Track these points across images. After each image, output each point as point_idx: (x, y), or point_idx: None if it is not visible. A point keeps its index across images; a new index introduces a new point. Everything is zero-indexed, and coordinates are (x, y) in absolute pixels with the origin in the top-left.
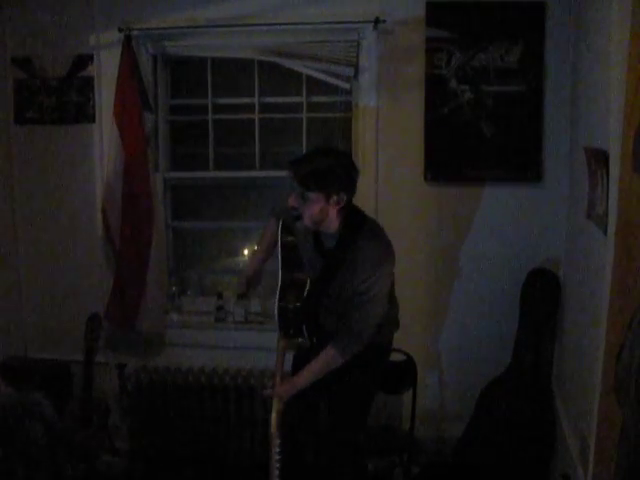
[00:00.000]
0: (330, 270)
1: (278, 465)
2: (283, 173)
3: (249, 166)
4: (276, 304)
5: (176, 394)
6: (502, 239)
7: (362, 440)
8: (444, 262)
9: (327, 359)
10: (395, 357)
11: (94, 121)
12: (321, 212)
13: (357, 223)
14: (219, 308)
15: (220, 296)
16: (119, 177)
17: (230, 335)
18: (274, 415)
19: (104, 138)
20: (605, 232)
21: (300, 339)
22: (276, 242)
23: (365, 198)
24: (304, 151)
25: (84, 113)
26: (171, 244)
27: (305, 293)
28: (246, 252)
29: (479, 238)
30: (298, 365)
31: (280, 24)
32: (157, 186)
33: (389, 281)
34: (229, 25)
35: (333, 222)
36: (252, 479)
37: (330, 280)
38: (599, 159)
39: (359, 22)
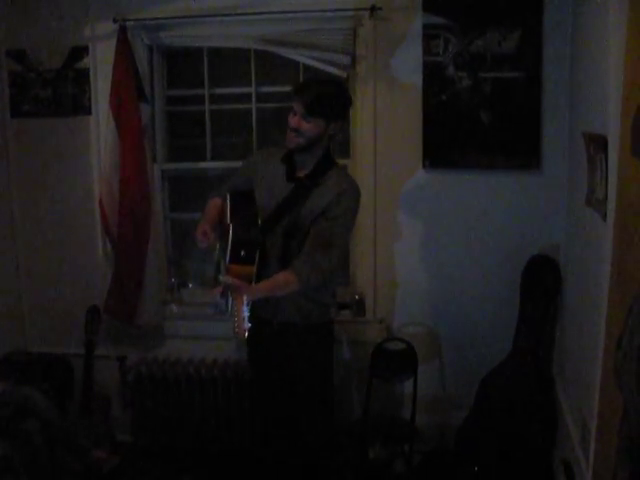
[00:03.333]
0: (299, 193)
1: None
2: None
3: (246, 156)
4: (230, 234)
5: (176, 386)
6: (501, 226)
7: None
8: (443, 249)
9: (283, 279)
10: (395, 345)
11: (90, 113)
12: (318, 136)
13: (332, 159)
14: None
15: None
16: (116, 169)
17: (230, 326)
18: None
19: (100, 130)
20: (604, 218)
21: (248, 267)
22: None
23: (364, 186)
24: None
25: (80, 105)
26: (170, 236)
27: (259, 222)
28: None
29: (478, 225)
30: (253, 353)
31: (276, 12)
32: (154, 177)
33: (353, 220)
34: (225, 14)
35: (318, 149)
36: (252, 471)
37: (294, 204)
38: (598, 144)
39: (355, 9)
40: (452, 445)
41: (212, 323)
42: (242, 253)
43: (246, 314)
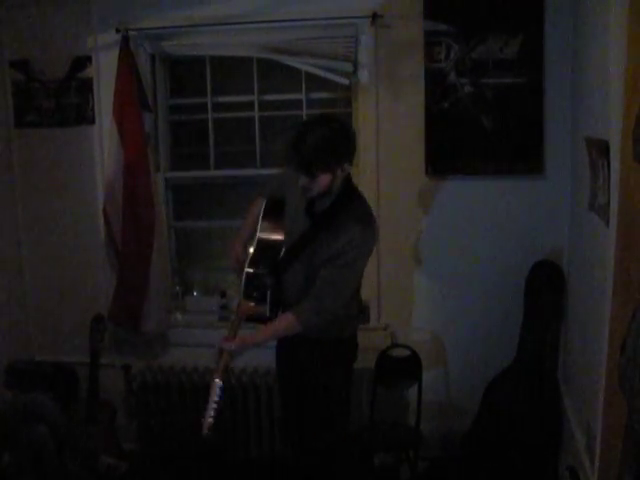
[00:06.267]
0: (315, 231)
1: (214, 410)
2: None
3: (250, 164)
4: (244, 269)
5: (181, 394)
6: (505, 232)
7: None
8: (447, 256)
9: (285, 323)
10: (400, 352)
11: (94, 122)
12: (330, 184)
13: (351, 192)
14: (223, 307)
15: (224, 295)
16: (120, 178)
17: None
18: (221, 365)
19: (104, 139)
20: (607, 223)
21: (262, 306)
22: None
23: (367, 193)
24: None
25: (83, 115)
26: (173, 244)
27: (279, 258)
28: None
29: (482, 231)
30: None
31: (278, 21)
32: (158, 186)
33: (364, 262)
34: (227, 23)
35: (335, 188)
36: (258, 477)
37: (311, 241)
38: (600, 149)
39: (357, 17)
40: (457, 451)
41: (217, 331)
42: (255, 294)
43: (212, 407)
